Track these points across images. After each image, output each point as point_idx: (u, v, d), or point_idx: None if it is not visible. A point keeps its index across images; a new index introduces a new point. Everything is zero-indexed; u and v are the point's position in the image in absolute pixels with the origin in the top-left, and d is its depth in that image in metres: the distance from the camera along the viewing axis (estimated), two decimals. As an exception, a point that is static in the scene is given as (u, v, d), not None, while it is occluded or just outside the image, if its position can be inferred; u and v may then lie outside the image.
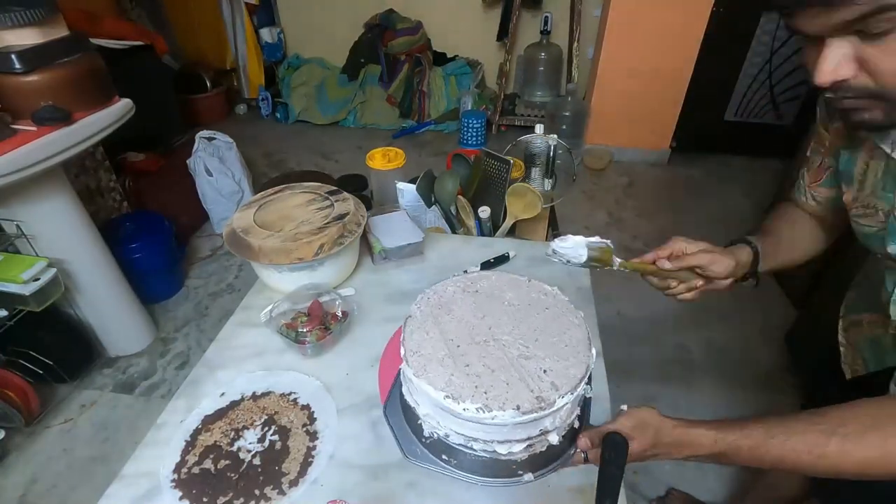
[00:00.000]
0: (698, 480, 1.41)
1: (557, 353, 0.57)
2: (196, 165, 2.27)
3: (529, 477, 0.57)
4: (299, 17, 3.53)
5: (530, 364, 0.56)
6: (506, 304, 0.64)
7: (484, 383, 0.53)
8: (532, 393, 0.52)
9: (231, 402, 0.71)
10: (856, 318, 0.77)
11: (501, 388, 0.53)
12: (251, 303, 0.89)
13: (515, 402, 0.51)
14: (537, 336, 0.59)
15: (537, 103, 3.29)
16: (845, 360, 0.78)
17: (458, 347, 0.58)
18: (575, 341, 0.59)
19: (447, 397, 0.52)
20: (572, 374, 0.55)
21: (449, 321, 0.61)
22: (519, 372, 0.55)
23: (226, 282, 2.19)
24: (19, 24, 1.25)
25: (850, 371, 0.77)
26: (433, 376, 0.54)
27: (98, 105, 1.40)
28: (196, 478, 0.61)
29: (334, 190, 0.95)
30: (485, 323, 0.61)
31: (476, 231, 1.11)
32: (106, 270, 1.63)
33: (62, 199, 1.46)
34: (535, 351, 0.57)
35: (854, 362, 0.76)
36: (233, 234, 0.85)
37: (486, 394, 0.52)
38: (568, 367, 0.55)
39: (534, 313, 0.62)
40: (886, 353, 0.70)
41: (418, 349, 0.58)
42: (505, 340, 0.59)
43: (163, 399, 1.67)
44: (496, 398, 0.52)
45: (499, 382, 0.53)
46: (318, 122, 3.50)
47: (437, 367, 0.55)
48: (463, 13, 3.32)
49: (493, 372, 0.55)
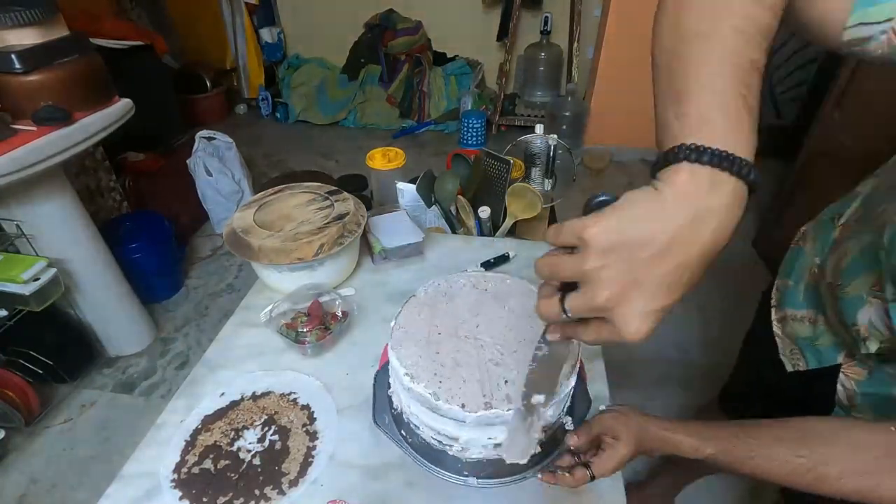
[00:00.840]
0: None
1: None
2: (196, 165, 2.27)
3: (473, 481, 0.57)
4: (299, 17, 3.53)
5: (497, 370, 0.55)
6: (506, 308, 0.63)
7: (443, 373, 0.55)
8: (483, 398, 0.52)
9: (231, 402, 0.71)
10: (791, 313, 0.74)
11: (457, 382, 0.54)
12: (251, 303, 0.89)
13: (462, 400, 0.52)
14: (518, 348, 0.57)
15: (537, 103, 3.29)
16: (783, 353, 0.76)
17: (438, 335, 0.59)
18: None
19: (406, 374, 0.54)
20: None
21: (444, 310, 0.62)
22: (481, 374, 0.55)
23: (226, 282, 2.19)
24: (19, 24, 1.25)
25: (790, 364, 0.75)
26: (403, 352, 0.57)
27: (98, 105, 1.40)
28: (196, 478, 0.61)
29: (334, 190, 0.95)
30: (475, 321, 0.61)
31: (476, 231, 1.11)
32: (106, 270, 1.63)
33: (62, 199, 1.46)
34: (508, 360, 0.56)
35: (793, 356, 0.74)
36: (233, 234, 0.85)
37: (441, 383, 0.53)
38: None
39: (528, 325, 0.60)
40: (826, 352, 0.68)
41: (404, 325, 0.60)
42: (485, 342, 0.58)
43: (163, 399, 1.67)
44: (448, 390, 0.53)
45: (457, 377, 0.54)
46: (318, 122, 3.50)
47: (411, 345, 0.58)
48: (463, 13, 3.32)
49: (457, 366, 0.55)
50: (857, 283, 0.58)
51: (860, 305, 0.57)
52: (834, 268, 0.63)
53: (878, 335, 0.55)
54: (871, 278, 0.56)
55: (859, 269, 0.58)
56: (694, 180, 0.32)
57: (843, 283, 0.60)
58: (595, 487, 0.60)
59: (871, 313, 0.56)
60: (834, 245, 0.66)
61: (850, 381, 0.64)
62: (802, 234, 0.77)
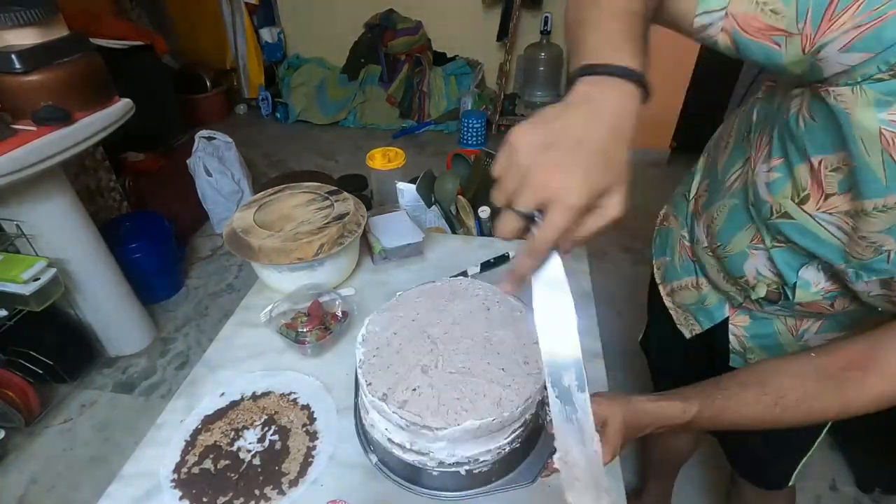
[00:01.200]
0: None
1: (478, 389, 0.53)
2: (196, 165, 2.27)
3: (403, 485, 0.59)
4: (299, 17, 3.53)
5: (457, 378, 0.54)
6: (486, 319, 0.62)
7: (395, 370, 0.56)
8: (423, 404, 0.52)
9: (231, 402, 0.71)
10: (676, 284, 0.82)
11: (403, 378, 0.55)
12: (251, 303, 0.89)
13: (402, 398, 0.53)
14: (486, 367, 0.55)
15: (537, 103, 3.29)
16: (679, 322, 0.84)
17: (405, 331, 0.60)
18: (506, 400, 0.52)
19: (362, 360, 0.57)
20: (469, 422, 0.50)
21: (424, 310, 0.63)
22: (431, 379, 0.54)
23: (226, 282, 2.19)
24: (19, 23, 1.25)
25: (687, 331, 0.83)
26: (369, 338, 0.60)
27: (98, 105, 1.40)
28: (196, 478, 0.61)
29: (334, 190, 0.95)
30: (450, 328, 0.60)
31: (476, 231, 1.11)
32: (106, 270, 1.63)
33: (62, 199, 1.46)
34: (469, 378, 0.54)
35: (688, 323, 0.82)
36: (233, 234, 0.85)
37: (391, 374, 0.55)
38: (473, 413, 0.51)
39: (502, 348, 0.58)
40: (714, 310, 0.76)
41: (378, 318, 0.63)
42: (451, 349, 0.57)
43: (163, 399, 1.67)
44: (391, 387, 0.54)
45: (410, 373, 0.55)
46: (318, 122, 3.50)
47: (379, 335, 0.60)
48: (463, 13, 3.32)
49: (409, 368, 0.56)
50: (736, 241, 0.65)
51: (744, 258, 0.64)
52: (706, 233, 0.70)
53: (764, 280, 0.64)
54: (748, 234, 0.63)
55: (734, 228, 0.65)
56: (585, 87, 0.39)
57: (722, 243, 0.67)
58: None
59: (756, 263, 0.63)
60: (695, 216, 0.75)
61: (739, 329, 0.74)
62: (663, 216, 0.87)
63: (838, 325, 0.66)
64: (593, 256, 1.11)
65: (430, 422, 0.50)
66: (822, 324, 0.67)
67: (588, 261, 0.97)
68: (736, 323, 0.74)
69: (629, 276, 2.13)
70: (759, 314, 0.71)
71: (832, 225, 0.52)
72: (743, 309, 0.73)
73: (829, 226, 0.52)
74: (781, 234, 0.58)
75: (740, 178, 0.64)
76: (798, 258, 0.59)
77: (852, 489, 1.42)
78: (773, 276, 0.62)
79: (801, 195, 0.53)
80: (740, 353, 0.76)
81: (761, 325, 0.72)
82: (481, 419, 0.50)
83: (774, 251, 0.60)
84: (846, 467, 1.46)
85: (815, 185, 0.52)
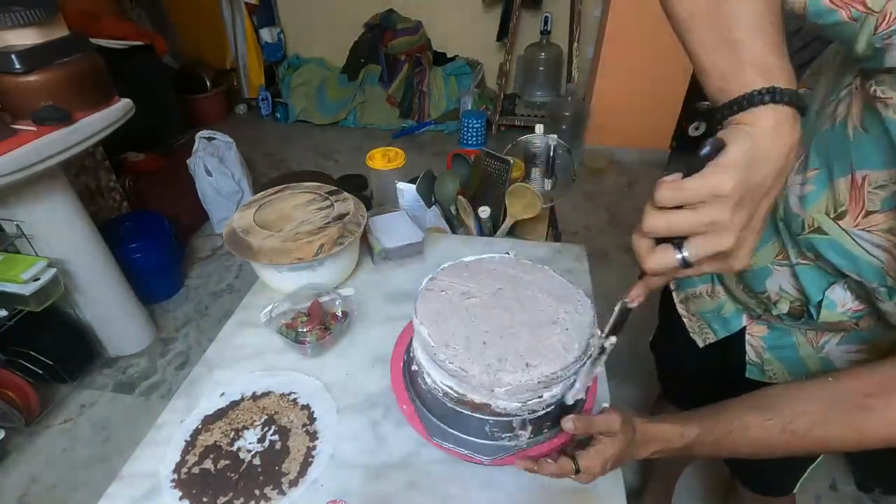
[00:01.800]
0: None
1: (528, 347, 0.56)
2: (196, 165, 2.27)
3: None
4: (299, 17, 3.54)
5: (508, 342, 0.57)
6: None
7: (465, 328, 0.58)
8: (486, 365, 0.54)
9: (231, 402, 0.71)
10: (691, 291, 0.80)
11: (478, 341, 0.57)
12: (251, 303, 0.89)
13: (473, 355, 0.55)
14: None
15: (537, 103, 3.29)
16: (693, 331, 0.82)
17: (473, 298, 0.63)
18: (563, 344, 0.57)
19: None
20: (536, 372, 0.53)
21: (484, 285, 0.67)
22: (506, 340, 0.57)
23: (226, 282, 2.19)
24: (19, 24, 1.25)
25: (701, 340, 0.81)
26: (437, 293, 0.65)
27: (98, 105, 1.40)
28: (196, 478, 0.61)
29: (334, 190, 0.95)
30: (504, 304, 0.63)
31: (476, 231, 1.11)
32: (106, 270, 1.64)
33: (62, 199, 1.46)
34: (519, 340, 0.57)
35: (702, 331, 0.80)
36: (233, 234, 0.85)
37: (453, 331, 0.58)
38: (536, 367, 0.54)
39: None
40: (731, 319, 0.74)
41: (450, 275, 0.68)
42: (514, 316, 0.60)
43: (163, 399, 1.67)
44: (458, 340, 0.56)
45: (478, 332, 0.58)
46: (318, 122, 3.50)
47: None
48: (463, 13, 3.32)
49: (485, 330, 0.58)
50: (759, 256, 0.62)
51: (767, 274, 0.62)
52: None
53: (787, 297, 0.61)
54: (772, 249, 0.61)
55: (759, 242, 0.62)
56: (778, 121, 0.35)
57: None
58: (596, 489, 0.60)
59: (779, 280, 0.61)
60: None
61: (756, 339, 0.72)
62: None
63: (861, 338, 0.63)
64: (594, 256, 1.11)
65: (503, 376, 0.53)
66: (844, 335, 0.63)
67: (588, 261, 0.97)
68: (753, 333, 0.72)
69: (630, 276, 2.13)
70: (777, 325, 0.69)
71: (869, 243, 0.49)
72: (761, 320, 0.70)
73: (865, 244, 0.49)
74: (813, 250, 0.54)
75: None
76: (825, 277, 0.56)
77: (852, 489, 1.42)
78: (797, 293, 0.59)
79: (837, 210, 0.50)
80: (757, 364, 0.73)
81: (780, 336, 0.69)
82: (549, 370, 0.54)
83: (800, 268, 0.57)
84: (846, 467, 1.46)
85: (855, 200, 0.49)
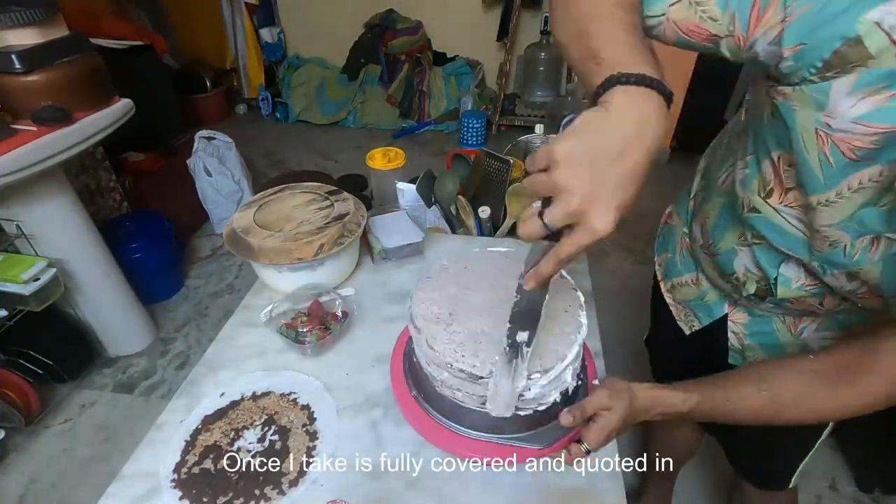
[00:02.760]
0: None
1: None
2: (196, 165, 2.27)
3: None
4: (299, 16, 3.53)
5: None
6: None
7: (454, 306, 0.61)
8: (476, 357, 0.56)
9: (231, 402, 0.71)
10: (677, 280, 0.84)
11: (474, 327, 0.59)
12: (251, 303, 0.89)
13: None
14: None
15: (537, 103, 3.29)
16: (679, 318, 0.86)
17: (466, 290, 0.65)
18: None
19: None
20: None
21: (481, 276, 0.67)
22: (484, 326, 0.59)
23: (226, 282, 2.19)
24: (19, 24, 1.25)
25: (686, 327, 0.84)
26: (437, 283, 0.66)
27: (98, 105, 1.40)
28: (196, 478, 0.61)
29: (334, 190, 0.95)
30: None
31: (476, 231, 1.11)
32: (106, 270, 1.64)
33: (62, 199, 1.46)
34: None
35: (687, 319, 0.84)
36: (233, 234, 0.85)
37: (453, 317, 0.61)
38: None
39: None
40: (714, 306, 0.78)
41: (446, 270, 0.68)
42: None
43: (163, 399, 1.67)
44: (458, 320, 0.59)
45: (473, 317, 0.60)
46: (318, 122, 3.50)
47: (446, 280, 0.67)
48: (463, 13, 3.32)
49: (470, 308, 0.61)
50: (726, 239, 0.67)
51: (733, 256, 0.66)
52: (701, 231, 0.72)
53: (753, 276, 0.65)
54: (736, 232, 0.65)
55: (724, 226, 0.67)
56: (628, 97, 0.39)
57: (714, 241, 0.69)
58: (596, 489, 0.60)
59: (744, 260, 0.65)
60: (693, 215, 0.77)
61: (737, 326, 0.75)
62: (668, 213, 0.89)
63: (837, 324, 0.67)
64: (593, 256, 1.11)
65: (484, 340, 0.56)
66: (821, 322, 0.68)
67: (588, 261, 0.97)
68: (735, 320, 0.75)
69: (630, 276, 2.13)
70: (757, 312, 0.72)
71: (794, 218, 0.55)
72: (741, 306, 0.74)
73: (791, 219, 0.55)
74: (753, 229, 0.60)
75: (730, 177, 0.66)
76: (777, 254, 0.60)
77: (852, 489, 1.42)
78: (759, 272, 0.64)
79: (766, 189, 0.56)
80: (739, 350, 0.77)
81: (760, 322, 0.73)
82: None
83: (756, 248, 0.62)
84: (846, 467, 1.46)
85: (777, 179, 0.54)
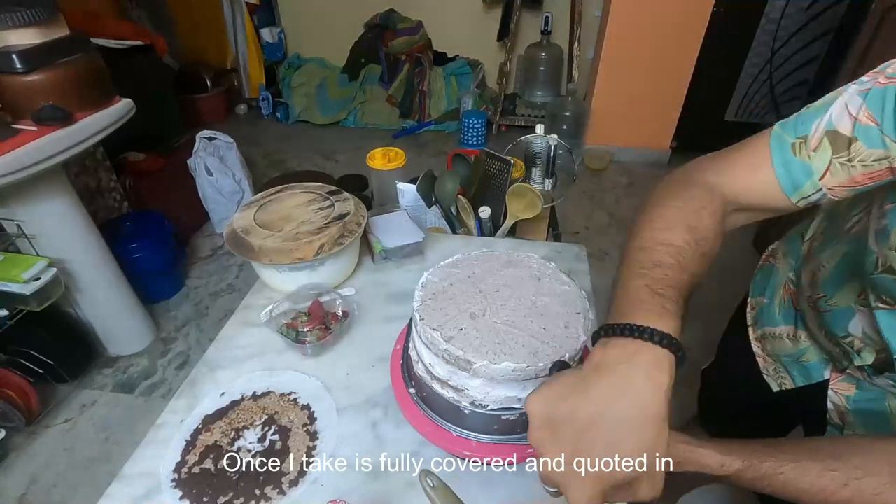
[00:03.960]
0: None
1: (518, 339, 0.56)
2: (196, 165, 2.27)
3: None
4: (300, 16, 3.54)
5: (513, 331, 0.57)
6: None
7: (447, 312, 0.59)
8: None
9: (231, 402, 0.71)
10: (770, 330, 0.73)
11: (452, 319, 0.58)
12: (251, 303, 0.89)
13: (449, 335, 0.56)
14: (528, 324, 0.58)
15: (537, 103, 3.29)
16: (767, 372, 0.75)
17: (460, 284, 0.64)
18: (542, 353, 0.56)
19: (419, 302, 0.60)
20: (505, 364, 0.54)
21: (480, 270, 0.66)
22: (477, 324, 0.58)
23: (226, 282, 2.19)
24: (20, 24, 1.25)
25: (775, 384, 0.73)
26: (427, 285, 0.63)
27: (98, 105, 1.40)
28: (196, 477, 0.61)
29: (334, 190, 0.95)
30: (500, 288, 0.63)
31: (476, 231, 1.11)
32: (106, 270, 1.64)
33: (62, 199, 1.46)
34: (511, 329, 0.58)
35: (777, 374, 0.73)
36: (233, 233, 0.85)
37: (443, 314, 0.59)
38: (510, 358, 0.55)
39: (546, 311, 0.61)
40: (813, 368, 0.67)
41: (437, 271, 0.66)
42: (499, 305, 0.61)
43: (163, 399, 1.67)
44: (441, 324, 0.57)
45: (459, 316, 0.58)
46: (318, 122, 3.50)
47: (437, 284, 0.63)
48: (463, 13, 3.32)
49: (459, 312, 0.59)
50: (841, 295, 0.57)
51: (850, 317, 0.56)
52: (811, 281, 0.63)
53: (871, 345, 0.55)
54: (855, 290, 0.55)
55: (841, 280, 0.58)
56: (606, 352, 0.36)
57: (825, 295, 0.60)
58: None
59: (862, 323, 0.55)
60: (805, 260, 0.67)
61: (840, 397, 0.63)
62: (772, 251, 0.79)
63: None
64: (593, 257, 1.11)
65: (471, 357, 0.54)
66: None
67: (588, 261, 0.96)
68: (837, 389, 0.63)
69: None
70: (868, 385, 0.60)
71: None
72: (849, 376, 0.61)
73: None
74: (888, 293, 0.49)
75: (861, 224, 0.55)
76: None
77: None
78: (880, 340, 0.53)
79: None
80: (838, 426, 0.64)
81: (870, 399, 0.60)
82: (516, 364, 0.53)
83: (880, 312, 0.51)
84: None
85: None
